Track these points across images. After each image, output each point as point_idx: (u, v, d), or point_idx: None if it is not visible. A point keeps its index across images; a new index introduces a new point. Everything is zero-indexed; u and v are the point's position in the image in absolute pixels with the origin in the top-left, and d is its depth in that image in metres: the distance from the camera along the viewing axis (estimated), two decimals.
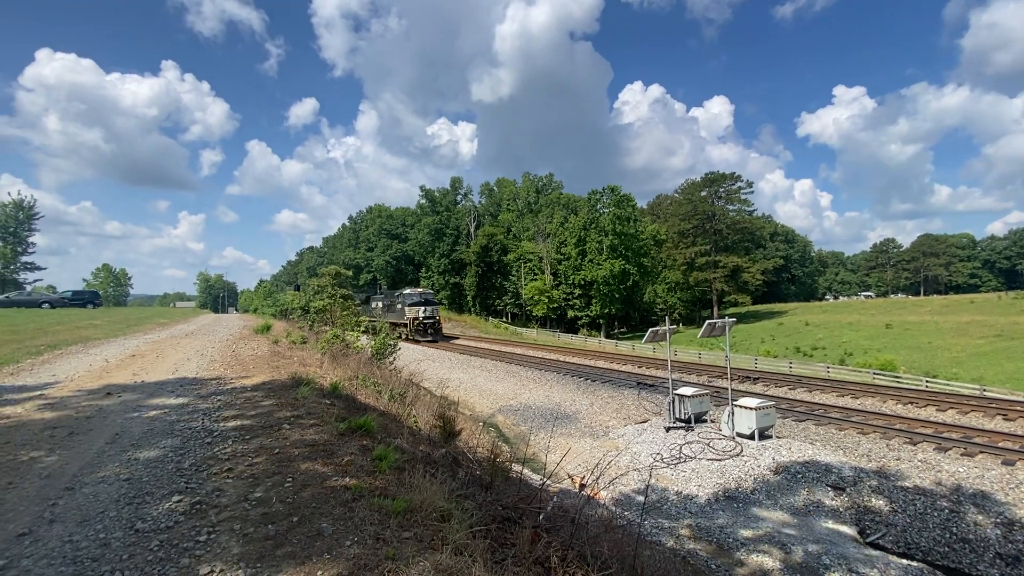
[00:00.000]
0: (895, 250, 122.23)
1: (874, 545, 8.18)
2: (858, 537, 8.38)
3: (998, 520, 7.95)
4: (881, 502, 8.98)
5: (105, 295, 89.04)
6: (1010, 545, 7.53)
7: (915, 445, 10.64)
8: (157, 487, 4.34)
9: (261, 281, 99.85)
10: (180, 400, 7.75)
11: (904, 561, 7.39)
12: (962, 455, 9.91)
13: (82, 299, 36.88)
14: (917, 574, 6.84)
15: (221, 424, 6.17)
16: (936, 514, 8.40)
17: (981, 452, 9.91)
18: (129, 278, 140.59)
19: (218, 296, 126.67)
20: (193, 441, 5.55)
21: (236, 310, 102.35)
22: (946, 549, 7.86)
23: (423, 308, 38.48)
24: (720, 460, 10.95)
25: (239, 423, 6.17)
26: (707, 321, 14.23)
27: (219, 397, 7.77)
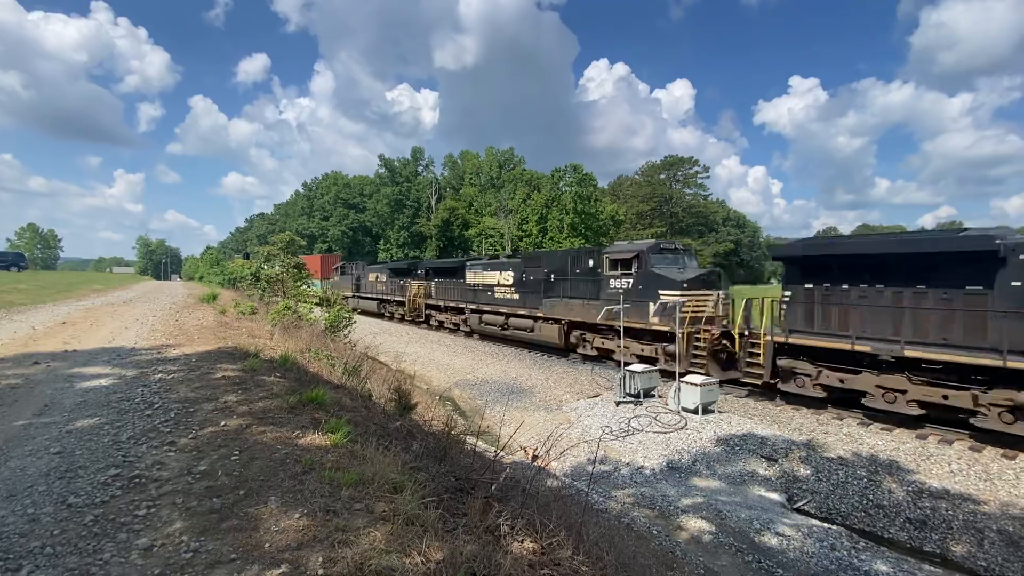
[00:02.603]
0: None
1: (800, 511, 8.85)
2: (786, 504, 9.04)
3: (909, 488, 8.76)
4: (808, 471, 9.69)
5: (31, 257, 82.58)
6: (918, 511, 8.32)
7: (841, 420, 11.48)
8: (91, 461, 4.15)
9: (208, 248, 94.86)
10: (117, 370, 7.36)
11: (825, 525, 8.04)
12: (882, 429, 10.79)
13: (4, 261, 34.16)
14: (836, 536, 7.46)
15: (162, 395, 5.92)
16: (855, 482, 9.16)
17: (898, 427, 10.81)
18: (59, 240, 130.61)
19: (160, 262, 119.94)
20: (131, 413, 5.31)
21: (180, 277, 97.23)
22: (863, 514, 8.60)
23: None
24: (666, 433, 11.48)
25: (182, 394, 5.94)
26: (659, 301, 14.68)
27: (160, 367, 7.43)
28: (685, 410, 12.40)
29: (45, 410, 5.52)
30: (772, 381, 12.67)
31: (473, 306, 23.87)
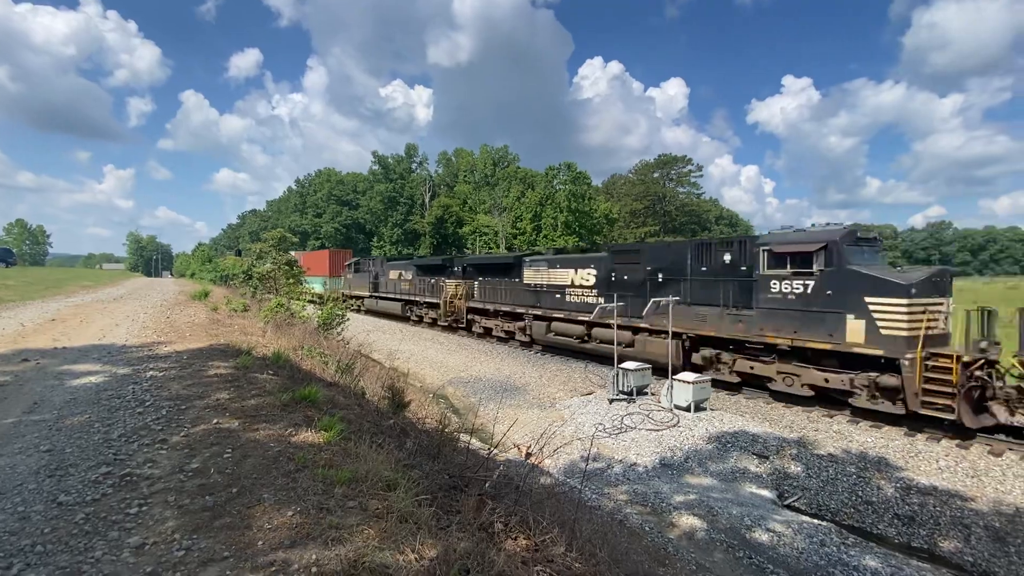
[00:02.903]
0: None
1: (791, 507, 8.94)
2: (777, 500, 9.13)
3: (898, 485, 8.87)
4: (799, 468, 9.78)
5: (20, 253, 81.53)
6: (907, 507, 8.43)
7: (831, 417, 11.59)
8: (82, 459, 4.12)
9: (199, 244, 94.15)
10: (107, 367, 7.31)
11: (815, 521, 8.13)
12: (871, 427, 10.91)
13: None
14: (825, 532, 7.55)
15: (154, 393, 5.88)
16: (845, 479, 9.26)
17: (888, 424, 10.93)
18: (47, 236, 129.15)
19: (151, 259, 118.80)
20: (122, 411, 5.27)
21: (171, 274, 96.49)
22: (852, 510, 8.70)
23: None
24: (658, 430, 11.54)
25: (174, 392, 5.91)
26: (651, 300, 14.74)
27: (151, 364, 7.38)
28: (678, 408, 12.47)
29: (35, 408, 5.47)
30: None
31: (537, 311, 20.00)
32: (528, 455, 9.65)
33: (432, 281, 27.31)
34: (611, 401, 13.56)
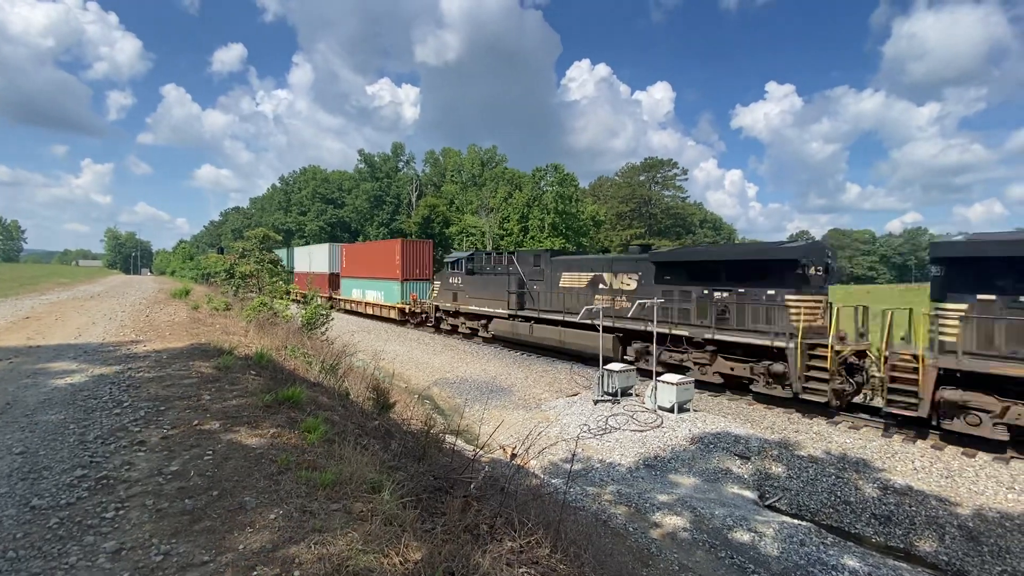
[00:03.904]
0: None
1: (772, 508, 9.07)
2: (759, 501, 9.26)
3: (876, 485, 9.05)
4: (780, 469, 9.93)
5: None
6: (884, 507, 8.61)
7: (811, 419, 11.80)
8: (56, 461, 4.01)
9: (180, 242, 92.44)
10: (84, 366, 7.13)
11: (795, 521, 8.26)
12: (849, 428, 11.12)
13: None
14: (805, 532, 7.67)
15: (132, 393, 5.75)
16: (825, 480, 9.43)
17: (866, 425, 11.15)
18: (22, 231, 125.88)
19: (129, 256, 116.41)
20: (99, 411, 5.15)
21: (151, 272, 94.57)
22: (831, 511, 8.86)
23: None
24: (642, 431, 11.63)
25: (153, 392, 5.78)
26: (637, 301, 14.84)
27: (130, 364, 7.21)
28: (662, 409, 12.58)
29: (7, 408, 5.31)
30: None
31: None
32: (513, 456, 9.65)
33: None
34: (596, 402, 13.62)
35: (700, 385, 14.09)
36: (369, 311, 32.08)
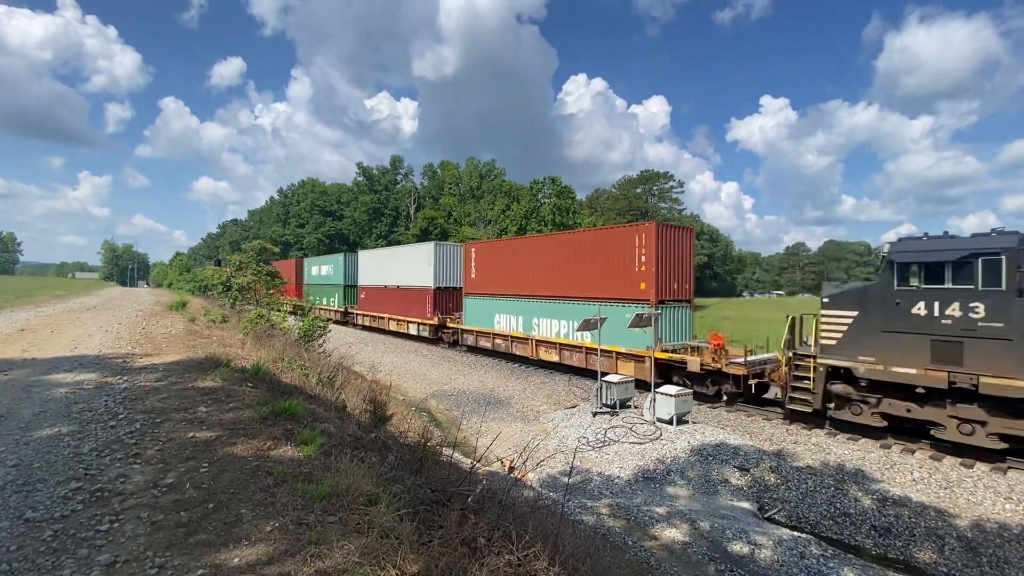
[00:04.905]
0: (805, 253, 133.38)
1: (771, 520, 9.01)
2: (757, 513, 9.20)
3: (874, 496, 9.01)
4: (778, 481, 9.89)
5: None
6: (883, 518, 8.57)
7: (810, 431, 11.77)
8: (51, 474, 3.99)
9: (177, 254, 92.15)
10: (79, 378, 7.11)
11: (794, 533, 8.21)
12: (848, 439, 11.09)
13: None
14: (805, 544, 7.62)
15: (127, 405, 5.73)
16: (823, 491, 9.39)
17: (864, 437, 11.13)
18: (18, 243, 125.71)
19: (126, 268, 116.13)
20: (94, 424, 5.13)
21: (147, 284, 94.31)
22: (830, 522, 8.81)
23: None
24: (641, 443, 11.58)
25: (148, 404, 5.76)
26: (635, 312, 14.86)
27: (125, 376, 7.19)
28: (660, 420, 12.54)
29: (1, 420, 5.28)
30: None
31: None
32: (511, 469, 9.60)
33: None
34: (595, 414, 13.58)
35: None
36: (553, 358, 18.11)
